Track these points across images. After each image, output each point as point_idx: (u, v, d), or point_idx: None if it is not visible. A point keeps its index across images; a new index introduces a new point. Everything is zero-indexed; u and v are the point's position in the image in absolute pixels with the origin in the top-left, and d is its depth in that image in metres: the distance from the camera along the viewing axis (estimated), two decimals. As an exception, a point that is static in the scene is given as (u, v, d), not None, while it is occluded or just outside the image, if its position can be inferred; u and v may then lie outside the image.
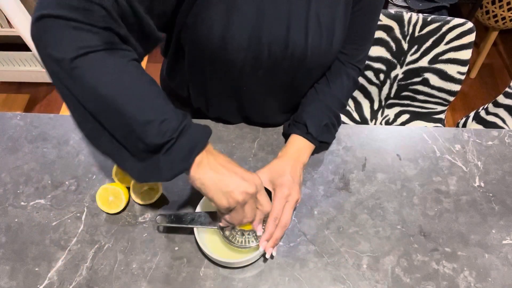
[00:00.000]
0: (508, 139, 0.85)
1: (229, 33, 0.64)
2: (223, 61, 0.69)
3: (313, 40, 0.67)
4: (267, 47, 0.66)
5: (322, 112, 0.76)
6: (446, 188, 0.78)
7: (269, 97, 0.80)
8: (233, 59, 0.68)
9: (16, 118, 0.85)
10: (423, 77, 1.18)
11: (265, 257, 0.68)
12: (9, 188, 0.75)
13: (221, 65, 0.70)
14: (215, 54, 0.67)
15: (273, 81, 0.75)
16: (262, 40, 0.65)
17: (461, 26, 1.07)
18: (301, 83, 0.77)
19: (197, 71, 0.76)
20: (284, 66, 0.70)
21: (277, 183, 0.67)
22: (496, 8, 1.81)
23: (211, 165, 0.55)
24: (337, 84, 0.77)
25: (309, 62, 0.70)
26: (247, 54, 0.67)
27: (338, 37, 0.70)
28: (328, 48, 0.70)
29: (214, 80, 0.76)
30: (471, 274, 0.68)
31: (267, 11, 0.63)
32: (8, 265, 0.67)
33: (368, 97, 1.30)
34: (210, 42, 0.65)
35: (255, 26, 0.64)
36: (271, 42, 0.66)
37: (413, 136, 0.85)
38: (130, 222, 0.72)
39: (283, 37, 0.66)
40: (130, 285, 0.65)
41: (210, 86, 0.78)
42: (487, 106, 1.18)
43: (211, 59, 0.69)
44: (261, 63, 0.69)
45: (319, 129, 0.75)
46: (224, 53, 0.67)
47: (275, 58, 0.68)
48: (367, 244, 0.70)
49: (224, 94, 0.79)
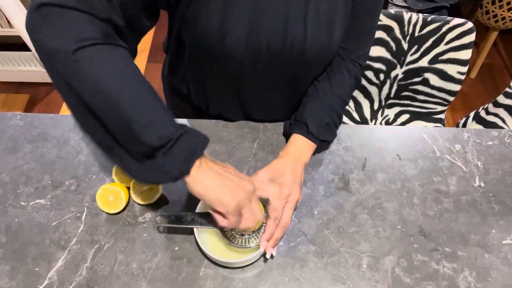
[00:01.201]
0: (508, 139, 0.85)
1: (227, 28, 0.64)
2: (222, 56, 0.69)
3: (312, 33, 0.67)
4: (265, 41, 0.66)
5: (323, 111, 0.76)
6: (446, 188, 0.78)
7: (269, 92, 0.80)
8: (232, 53, 0.68)
9: (16, 118, 0.85)
10: (423, 77, 1.18)
11: (265, 257, 0.68)
12: (9, 188, 0.75)
13: (220, 60, 0.70)
14: (214, 49, 0.68)
15: (272, 76, 0.75)
16: (260, 34, 0.65)
17: (461, 26, 1.07)
18: (301, 78, 0.77)
19: (197, 67, 0.76)
20: (283, 61, 0.70)
21: (277, 182, 0.67)
22: (496, 8, 1.81)
23: (211, 168, 0.55)
24: (337, 80, 0.77)
25: (308, 56, 0.70)
26: (246, 48, 0.67)
27: (338, 32, 0.70)
28: (327, 42, 0.70)
29: (214, 77, 0.76)
30: (471, 274, 0.68)
31: (265, 4, 0.63)
32: (8, 265, 0.67)
33: (368, 97, 1.30)
34: (209, 37, 0.65)
35: (253, 20, 0.64)
36: (269, 35, 0.66)
37: (413, 136, 0.85)
38: (130, 222, 0.72)
39: (281, 31, 0.66)
40: (130, 285, 0.65)
41: (209, 83, 0.79)
42: (487, 106, 1.18)
43: (210, 54, 0.69)
44: (260, 57, 0.69)
45: (320, 128, 0.74)
46: (222, 48, 0.67)
47: (274, 52, 0.68)
48: (367, 244, 0.70)
49: (224, 90, 0.79)
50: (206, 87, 0.80)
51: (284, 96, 0.82)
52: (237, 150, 0.81)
